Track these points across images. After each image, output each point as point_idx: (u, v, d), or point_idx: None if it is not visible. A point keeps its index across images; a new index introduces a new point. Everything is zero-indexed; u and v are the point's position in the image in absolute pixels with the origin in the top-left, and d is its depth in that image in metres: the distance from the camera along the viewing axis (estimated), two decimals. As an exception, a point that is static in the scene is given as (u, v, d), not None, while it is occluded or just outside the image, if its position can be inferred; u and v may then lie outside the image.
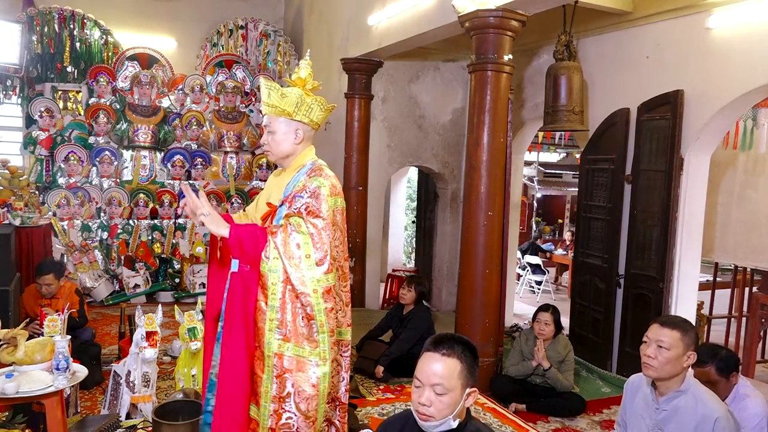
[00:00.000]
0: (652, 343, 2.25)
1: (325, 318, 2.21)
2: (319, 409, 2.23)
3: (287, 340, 2.17)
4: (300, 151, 2.41)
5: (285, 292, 2.17)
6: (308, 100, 2.34)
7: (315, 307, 2.18)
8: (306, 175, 2.33)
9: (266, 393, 2.18)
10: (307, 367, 2.18)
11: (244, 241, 2.14)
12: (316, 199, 2.23)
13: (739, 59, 3.98)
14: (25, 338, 2.67)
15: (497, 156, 4.14)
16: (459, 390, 1.72)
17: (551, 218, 13.72)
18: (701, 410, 2.17)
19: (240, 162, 7.45)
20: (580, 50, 5.13)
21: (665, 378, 2.25)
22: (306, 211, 2.22)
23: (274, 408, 2.17)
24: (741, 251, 5.37)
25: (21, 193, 4.99)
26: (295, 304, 2.17)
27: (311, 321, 2.19)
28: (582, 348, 5.00)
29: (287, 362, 2.17)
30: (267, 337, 2.18)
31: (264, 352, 2.19)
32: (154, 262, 6.77)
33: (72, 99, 7.04)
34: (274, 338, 2.17)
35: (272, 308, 2.17)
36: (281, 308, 2.17)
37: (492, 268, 4.17)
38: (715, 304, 6.14)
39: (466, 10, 4.05)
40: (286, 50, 7.88)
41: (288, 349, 2.18)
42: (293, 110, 2.33)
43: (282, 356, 2.17)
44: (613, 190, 4.91)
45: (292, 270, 2.15)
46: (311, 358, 2.19)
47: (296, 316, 2.18)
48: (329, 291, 2.22)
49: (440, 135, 6.75)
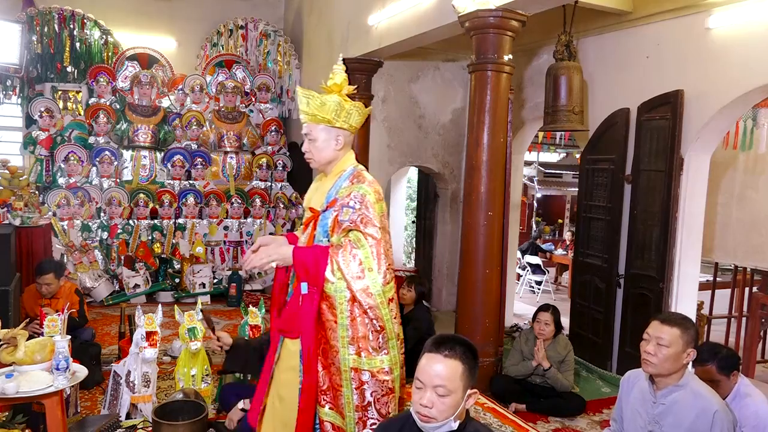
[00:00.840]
0: (651, 339, 2.26)
1: (392, 325, 2.29)
2: (394, 407, 2.34)
3: (360, 354, 2.25)
4: (341, 156, 2.44)
5: (353, 309, 2.23)
6: (347, 106, 2.36)
7: (384, 318, 2.25)
8: (348, 181, 2.36)
9: (348, 404, 2.28)
10: (381, 376, 2.27)
11: (311, 264, 2.22)
12: (367, 209, 2.27)
13: (738, 59, 3.98)
14: (25, 338, 2.67)
15: (497, 156, 4.13)
16: (461, 391, 1.72)
17: (551, 218, 13.72)
18: (700, 404, 2.18)
19: (240, 162, 7.45)
20: (580, 50, 5.13)
21: (664, 374, 2.26)
22: (362, 223, 2.26)
23: (359, 416, 2.27)
24: (741, 251, 5.37)
25: (21, 193, 4.98)
26: (363, 319, 2.24)
27: (382, 332, 2.27)
28: (582, 348, 5.00)
29: (364, 375, 2.26)
30: (341, 353, 2.25)
31: (340, 367, 2.26)
32: (154, 262, 6.77)
33: (72, 99, 7.04)
34: (348, 354, 2.25)
35: (342, 326, 2.24)
36: (350, 326, 2.24)
37: (492, 268, 4.17)
38: (715, 304, 6.14)
39: (466, 10, 4.05)
40: (286, 50, 7.88)
41: (363, 363, 2.25)
42: (333, 117, 2.35)
43: (358, 370, 2.25)
44: (613, 190, 4.91)
45: (357, 286, 2.21)
46: (385, 366, 2.28)
47: (366, 331, 2.24)
48: (392, 300, 2.30)
49: (440, 135, 6.75)
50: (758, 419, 2.53)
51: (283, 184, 7.70)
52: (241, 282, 6.73)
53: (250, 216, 7.40)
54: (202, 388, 3.51)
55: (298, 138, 7.94)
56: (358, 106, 2.39)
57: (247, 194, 7.44)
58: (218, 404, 3.53)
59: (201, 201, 7.14)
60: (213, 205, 7.17)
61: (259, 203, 7.41)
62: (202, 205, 7.17)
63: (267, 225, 7.45)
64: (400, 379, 2.35)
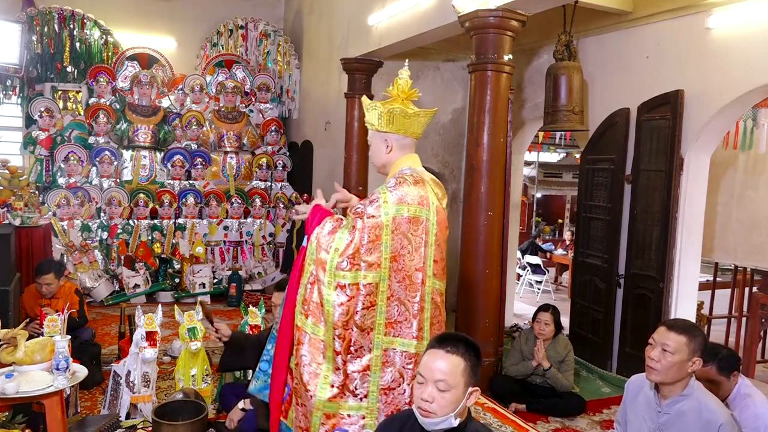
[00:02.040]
0: (657, 345, 2.21)
1: (333, 310, 2.31)
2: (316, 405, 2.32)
3: (307, 316, 2.35)
4: (394, 159, 2.56)
5: (312, 273, 2.35)
6: (389, 110, 2.51)
7: (324, 294, 2.32)
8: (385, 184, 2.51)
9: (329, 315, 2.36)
10: (317, 345, 2.33)
11: (310, 222, 2.41)
12: (371, 203, 2.38)
13: (738, 59, 3.98)
14: (25, 338, 2.67)
15: (497, 156, 4.14)
16: (461, 388, 1.73)
17: (551, 218, 13.72)
18: (705, 415, 2.14)
19: (240, 162, 7.46)
20: (580, 50, 5.13)
21: (668, 382, 2.22)
22: (356, 213, 2.39)
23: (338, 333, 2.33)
24: (741, 251, 5.37)
25: (21, 193, 4.98)
26: (314, 285, 2.34)
27: (321, 307, 2.35)
28: (582, 348, 5.00)
29: (301, 335, 2.35)
30: (296, 309, 2.38)
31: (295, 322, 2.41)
32: (154, 262, 6.77)
33: (72, 99, 7.04)
34: (298, 311, 2.37)
35: (302, 285, 2.37)
36: (307, 286, 2.36)
37: (492, 268, 4.17)
38: (715, 304, 6.14)
39: (466, 10, 4.05)
40: (286, 50, 7.88)
41: (307, 325, 2.34)
42: (377, 122, 2.51)
43: (300, 329, 2.36)
44: (613, 190, 4.91)
45: (320, 256, 2.32)
46: (322, 338, 2.33)
47: (310, 297, 2.35)
48: (343, 287, 2.32)
49: (440, 135, 6.74)
50: (758, 420, 2.52)
51: (283, 184, 7.70)
52: (241, 282, 6.73)
53: (250, 216, 7.40)
54: (202, 388, 3.51)
55: (298, 138, 7.96)
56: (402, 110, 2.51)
57: (247, 194, 7.44)
58: (218, 404, 3.53)
59: (201, 201, 7.14)
60: (213, 205, 7.18)
61: (259, 203, 7.41)
62: (202, 205, 7.17)
63: (267, 225, 7.45)
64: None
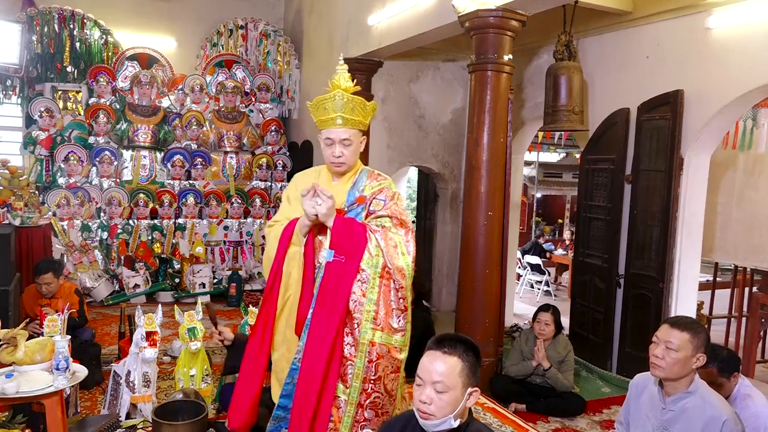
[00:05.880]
0: (660, 343, 2.23)
1: (411, 309, 2.44)
2: (399, 387, 2.51)
3: (379, 330, 2.38)
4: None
5: (381, 286, 2.37)
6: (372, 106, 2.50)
7: (408, 300, 2.41)
8: (368, 178, 2.51)
9: (357, 375, 2.39)
10: (393, 353, 2.41)
11: (345, 234, 2.35)
12: (397, 202, 2.46)
13: (738, 59, 3.98)
14: (25, 338, 2.67)
15: (497, 156, 4.14)
16: (460, 389, 1.73)
17: (551, 218, 13.73)
18: (709, 412, 2.15)
19: (240, 162, 7.46)
20: (580, 50, 5.13)
21: (673, 379, 2.23)
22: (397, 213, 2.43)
23: (364, 387, 2.39)
24: (741, 251, 5.37)
25: (21, 193, 4.98)
26: (388, 297, 2.38)
27: (405, 312, 2.42)
28: (582, 348, 5.00)
29: (379, 349, 2.38)
30: (363, 326, 2.37)
31: (358, 339, 2.38)
32: (154, 262, 6.77)
33: (72, 99, 7.04)
34: (369, 327, 2.37)
35: (370, 300, 2.37)
36: (377, 302, 2.37)
37: (492, 268, 4.17)
38: (715, 304, 6.14)
39: (466, 10, 4.05)
40: (286, 50, 7.87)
41: (380, 338, 2.38)
42: (369, 120, 2.50)
43: (375, 344, 2.38)
44: (613, 190, 4.91)
45: (397, 263, 2.36)
46: (397, 345, 2.41)
47: (389, 309, 2.39)
48: (414, 286, 2.46)
49: (440, 135, 6.74)
50: (758, 420, 2.53)
51: (283, 184, 7.69)
52: (241, 282, 6.73)
53: (250, 216, 7.40)
54: (202, 388, 3.52)
55: (298, 138, 7.96)
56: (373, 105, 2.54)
57: (247, 194, 7.44)
58: (218, 404, 3.53)
59: (201, 201, 7.14)
60: (213, 205, 7.17)
61: (259, 203, 7.41)
62: (202, 205, 7.17)
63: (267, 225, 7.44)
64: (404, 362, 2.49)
